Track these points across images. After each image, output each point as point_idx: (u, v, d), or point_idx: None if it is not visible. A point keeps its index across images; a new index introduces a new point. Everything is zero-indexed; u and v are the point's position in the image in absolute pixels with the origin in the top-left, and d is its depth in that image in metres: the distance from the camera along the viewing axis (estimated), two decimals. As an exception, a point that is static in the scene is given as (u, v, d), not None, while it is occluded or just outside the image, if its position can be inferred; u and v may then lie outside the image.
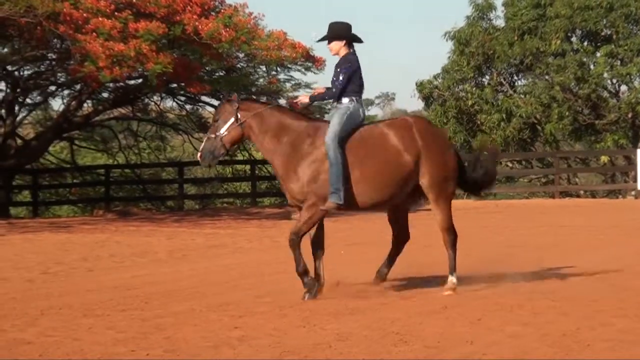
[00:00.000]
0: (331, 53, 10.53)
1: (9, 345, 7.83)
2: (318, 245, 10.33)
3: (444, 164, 10.47)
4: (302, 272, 10.12)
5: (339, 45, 10.43)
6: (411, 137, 10.28)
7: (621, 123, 35.89)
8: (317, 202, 10.06)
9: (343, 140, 10.12)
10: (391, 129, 10.34)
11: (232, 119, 10.36)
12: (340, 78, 10.29)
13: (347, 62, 10.35)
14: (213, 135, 10.39)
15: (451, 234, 10.65)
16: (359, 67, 10.38)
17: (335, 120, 10.19)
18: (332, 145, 10.03)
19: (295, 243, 10.07)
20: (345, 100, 10.30)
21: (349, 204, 10.19)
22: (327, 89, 10.49)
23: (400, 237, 10.72)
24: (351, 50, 10.46)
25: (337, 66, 10.44)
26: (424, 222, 13.07)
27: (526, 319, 8.55)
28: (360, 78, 10.42)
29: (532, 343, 7.52)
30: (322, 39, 10.58)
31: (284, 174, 10.23)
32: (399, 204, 10.61)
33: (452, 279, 10.39)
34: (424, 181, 10.42)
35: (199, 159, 10.52)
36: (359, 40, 10.57)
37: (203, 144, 10.52)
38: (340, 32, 10.44)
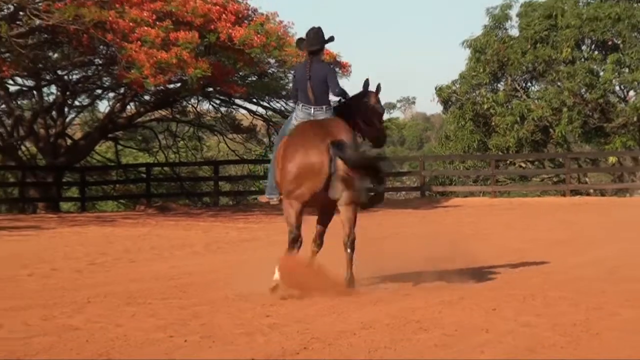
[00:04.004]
0: (325, 58, 10.32)
1: (58, 331, 7.87)
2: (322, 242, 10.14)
3: None
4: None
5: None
6: None
7: (629, 126, 35.73)
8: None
9: None
10: None
11: None
12: (339, 83, 10.15)
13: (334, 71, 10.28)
14: None
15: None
16: None
17: None
18: None
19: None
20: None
21: None
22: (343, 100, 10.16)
23: None
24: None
25: (331, 73, 10.10)
26: (432, 220, 12.99)
27: (539, 310, 8.50)
28: None
29: (545, 332, 7.48)
30: (327, 41, 10.19)
31: None
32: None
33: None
34: None
35: None
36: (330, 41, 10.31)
37: None
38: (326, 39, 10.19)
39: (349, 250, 9.59)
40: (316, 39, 10.09)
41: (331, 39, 10.22)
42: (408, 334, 7.46)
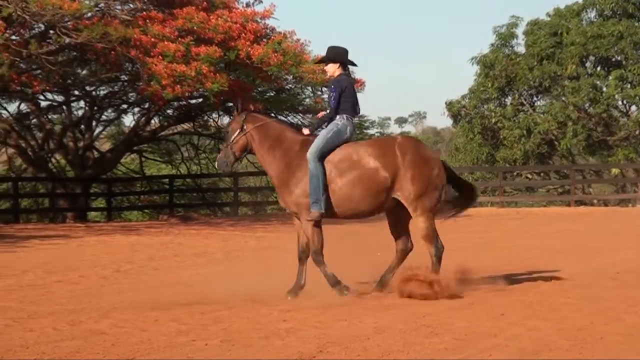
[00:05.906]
0: (327, 74, 10.34)
1: (85, 335, 7.89)
2: (305, 253, 10.11)
3: (423, 180, 9.87)
4: (334, 283, 9.94)
5: (334, 68, 10.19)
6: (391, 155, 9.88)
7: (631, 139, 35.72)
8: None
9: (325, 154, 9.86)
10: (372, 148, 9.99)
11: (239, 129, 10.24)
12: (332, 98, 10.03)
13: (337, 82, 10.08)
14: (225, 145, 10.39)
15: (431, 243, 9.98)
16: (347, 87, 10.05)
17: (320, 136, 9.98)
18: (312, 158, 9.81)
19: (319, 261, 9.96)
20: (337, 117, 10.04)
21: (331, 213, 9.92)
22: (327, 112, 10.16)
23: (402, 246, 10.20)
24: (344, 72, 10.20)
25: (329, 86, 10.29)
26: (446, 229, 12.88)
27: (545, 315, 8.46)
28: (352, 97, 10.10)
29: (550, 336, 7.45)
30: (320, 61, 10.65)
31: (279, 185, 10.03)
32: (390, 214, 10.19)
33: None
34: (399, 194, 9.90)
35: (216, 166, 10.53)
36: (353, 64, 10.34)
37: (220, 153, 10.48)
38: (336, 56, 10.17)
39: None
40: (328, 54, 10.26)
41: (348, 61, 10.30)
42: (420, 338, 7.44)
